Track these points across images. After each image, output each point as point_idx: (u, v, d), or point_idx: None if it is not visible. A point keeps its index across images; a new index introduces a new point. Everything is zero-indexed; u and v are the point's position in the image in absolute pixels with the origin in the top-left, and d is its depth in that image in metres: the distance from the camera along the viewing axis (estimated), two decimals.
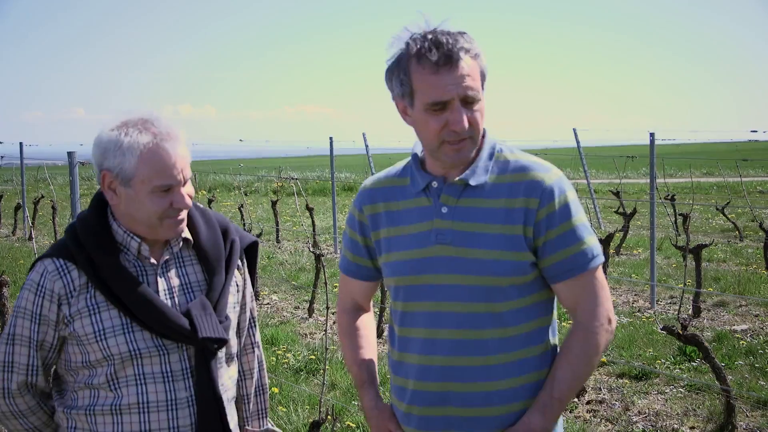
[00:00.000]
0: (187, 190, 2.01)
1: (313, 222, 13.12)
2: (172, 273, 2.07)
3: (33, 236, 6.49)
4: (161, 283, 2.03)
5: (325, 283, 3.69)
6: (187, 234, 2.09)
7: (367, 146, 13.11)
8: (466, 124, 1.85)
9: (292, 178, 12.92)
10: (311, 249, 7.46)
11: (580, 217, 1.94)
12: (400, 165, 2.08)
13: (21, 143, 15.84)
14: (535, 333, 1.97)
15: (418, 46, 1.83)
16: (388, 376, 2.13)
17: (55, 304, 1.97)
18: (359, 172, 30.42)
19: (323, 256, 7.62)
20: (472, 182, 1.92)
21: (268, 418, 2.38)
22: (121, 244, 2.01)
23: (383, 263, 2.05)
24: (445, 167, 1.95)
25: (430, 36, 1.84)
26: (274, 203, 13.98)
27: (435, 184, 1.95)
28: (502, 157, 1.97)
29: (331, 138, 12.94)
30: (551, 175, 1.93)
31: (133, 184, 1.94)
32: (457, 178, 1.93)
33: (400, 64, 1.87)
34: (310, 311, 7.91)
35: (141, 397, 1.98)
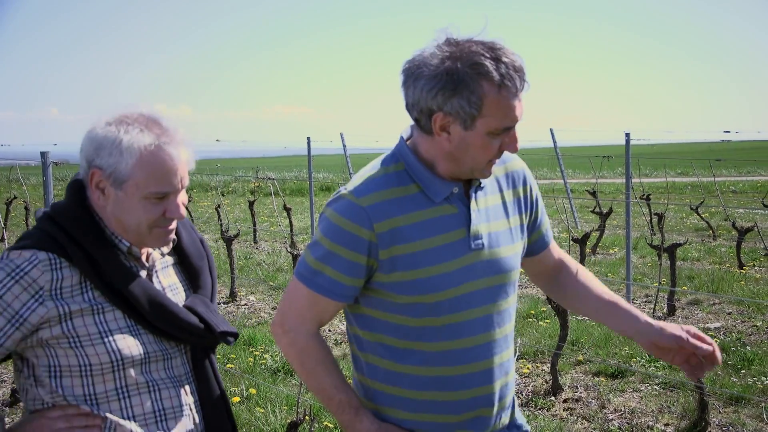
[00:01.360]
0: (182, 197, 1.86)
1: (290, 222, 13.09)
2: (160, 273, 1.95)
3: (5, 238, 6.42)
4: (155, 284, 1.91)
5: None
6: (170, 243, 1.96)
7: (344, 146, 13.10)
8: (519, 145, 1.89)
9: (270, 178, 12.87)
10: (289, 249, 7.43)
11: None
12: (383, 173, 1.90)
13: None
14: None
15: (501, 72, 1.74)
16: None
17: (30, 296, 1.71)
18: (337, 172, 30.37)
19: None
20: (482, 183, 1.97)
21: None
22: (109, 242, 1.84)
23: (402, 281, 1.86)
24: (458, 174, 1.90)
25: (504, 59, 1.75)
26: (251, 203, 13.92)
27: (456, 190, 1.90)
28: None
29: (308, 138, 12.91)
30: (521, 161, 2.10)
31: (126, 187, 1.77)
32: (475, 182, 1.94)
33: (469, 84, 1.74)
34: None
35: (156, 404, 1.85)
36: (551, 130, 14.98)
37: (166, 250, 1.97)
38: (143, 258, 1.90)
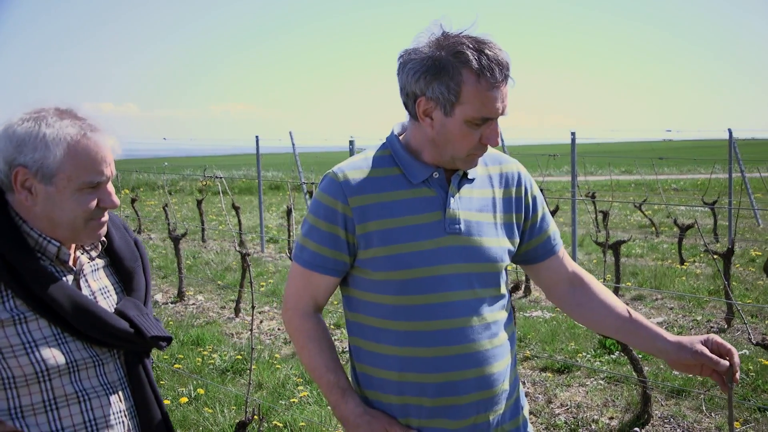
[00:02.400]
0: (111, 187, 1.80)
1: (239, 221, 12.99)
2: (89, 277, 1.87)
3: None
4: (84, 288, 1.83)
5: (251, 283, 3.66)
6: (103, 236, 1.89)
7: (293, 145, 13.05)
8: (500, 141, 1.89)
9: (218, 177, 12.74)
10: (237, 248, 7.37)
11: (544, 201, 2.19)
12: (371, 155, 2.01)
13: None
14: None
15: (482, 63, 1.81)
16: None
17: None
18: (286, 170, 30.21)
19: (249, 255, 7.55)
20: (470, 175, 2.01)
21: None
22: (34, 248, 1.75)
23: (377, 257, 1.93)
24: (441, 163, 1.96)
25: (488, 51, 1.82)
26: (199, 202, 13.77)
27: (436, 174, 1.96)
28: None
29: (257, 136, 12.84)
30: (520, 165, 2.14)
31: (57, 181, 1.71)
32: (459, 171, 1.98)
33: (449, 71, 1.82)
34: (237, 311, 7.83)
35: (86, 415, 1.76)
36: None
37: (94, 253, 1.90)
38: (70, 262, 1.82)
